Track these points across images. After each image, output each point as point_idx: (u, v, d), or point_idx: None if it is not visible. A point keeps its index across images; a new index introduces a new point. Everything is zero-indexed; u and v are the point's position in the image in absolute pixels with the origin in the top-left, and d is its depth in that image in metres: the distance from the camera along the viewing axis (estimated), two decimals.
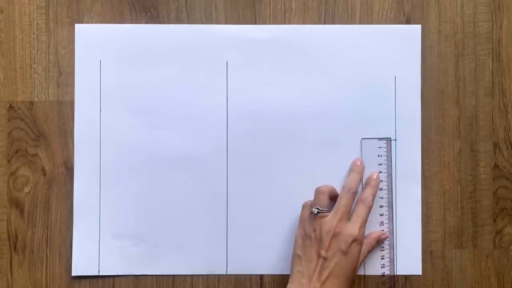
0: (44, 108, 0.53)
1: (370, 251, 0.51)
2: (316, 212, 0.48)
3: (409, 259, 0.52)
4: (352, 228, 0.47)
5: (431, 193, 0.53)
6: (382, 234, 0.52)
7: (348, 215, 0.48)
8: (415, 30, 0.53)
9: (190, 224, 0.53)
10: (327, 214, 0.48)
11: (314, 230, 0.48)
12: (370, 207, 0.50)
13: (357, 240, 0.47)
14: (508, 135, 0.53)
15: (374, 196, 0.51)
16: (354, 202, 0.50)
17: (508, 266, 0.53)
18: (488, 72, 0.53)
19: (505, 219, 0.53)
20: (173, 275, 0.53)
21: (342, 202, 0.49)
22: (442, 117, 0.53)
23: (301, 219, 0.50)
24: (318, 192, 0.50)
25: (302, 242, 0.49)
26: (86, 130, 0.53)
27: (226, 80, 0.53)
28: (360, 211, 0.49)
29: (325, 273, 0.46)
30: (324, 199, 0.49)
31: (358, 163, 0.52)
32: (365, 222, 0.48)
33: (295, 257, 0.49)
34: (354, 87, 0.53)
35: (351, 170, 0.52)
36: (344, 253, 0.46)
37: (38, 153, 0.53)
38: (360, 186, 0.51)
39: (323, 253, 0.46)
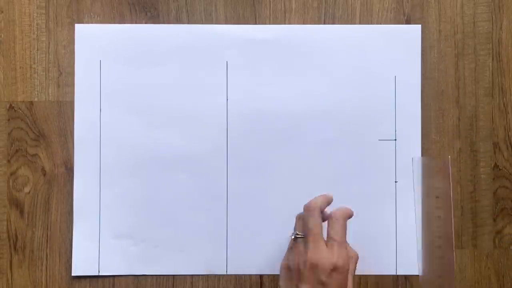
0: (44, 108, 0.53)
1: (356, 262, 0.45)
2: (293, 237, 0.44)
3: (409, 259, 0.52)
4: (329, 256, 0.41)
5: None
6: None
7: (322, 239, 0.43)
8: (415, 30, 0.53)
9: (190, 224, 0.53)
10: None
11: (293, 260, 0.43)
12: (344, 222, 0.44)
13: (338, 269, 0.41)
14: (508, 135, 0.53)
15: (345, 213, 0.45)
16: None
17: (508, 266, 0.53)
18: (488, 72, 0.53)
19: (505, 219, 0.53)
20: (173, 275, 0.53)
21: (308, 225, 0.43)
22: (442, 117, 0.53)
23: (289, 245, 0.45)
24: (305, 209, 0.44)
25: (284, 273, 0.44)
26: (86, 130, 0.53)
27: (226, 80, 0.53)
28: (334, 230, 0.43)
29: None
30: (310, 219, 0.43)
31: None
32: (343, 241, 0.43)
33: None
34: (354, 87, 0.53)
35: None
36: (325, 284, 0.41)
37: (38, 153, 0.53)
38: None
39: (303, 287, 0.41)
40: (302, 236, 0.43)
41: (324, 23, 0.53)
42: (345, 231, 0.43)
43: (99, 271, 0.52)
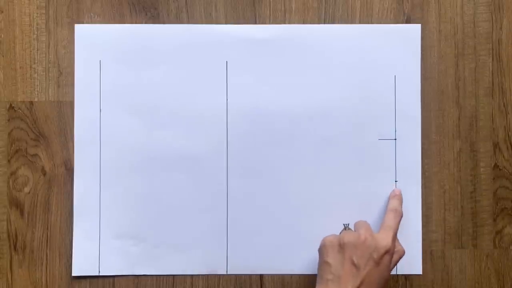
0: (44, 108, 0.53)
1: (401, 257, 0.49)
2: (348, 225, 0.50)
3: (409, 259, 0.52)
4: (384, 240, 0.46)
5: (431, 193, 0.53)
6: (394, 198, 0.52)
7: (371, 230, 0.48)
8: (415, 30, 0.53)
9: (190, 224, 0.53)
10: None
11: (348, 239, 0.46)
12: (401, 217, 0.50)
13: (389, 251, 0.46)
14: (508, 135, 0.53)
15: (401, 206, 0.51)
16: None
17: (508, 266, 0.53)
18: (488, 72, 0.53)
19: (505, 219, 0.53)
20: (173, 275, 0.53)
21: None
22: (442, 117, 0.53)
23: (327, 236, 0.49)
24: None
25: (332, 249, 0.47)
26: (86, 130, 0.53)
27: (226, 80, 0.53)
28: (391, 221, 0.49)
29: (357, 282, 0.44)
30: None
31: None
32: (396, 233, 0.48)
33: (324, 265, 0.46)
34: (354, 87, 0.53)
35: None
36: (377, 263, 0.45)
37: (38, 153, 0.53)
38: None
39: (355, 260, 0.45)
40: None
41: (324, 23, 0.53)
42: (398, 227, 0.49)
43: (99, 271, 0.52)
